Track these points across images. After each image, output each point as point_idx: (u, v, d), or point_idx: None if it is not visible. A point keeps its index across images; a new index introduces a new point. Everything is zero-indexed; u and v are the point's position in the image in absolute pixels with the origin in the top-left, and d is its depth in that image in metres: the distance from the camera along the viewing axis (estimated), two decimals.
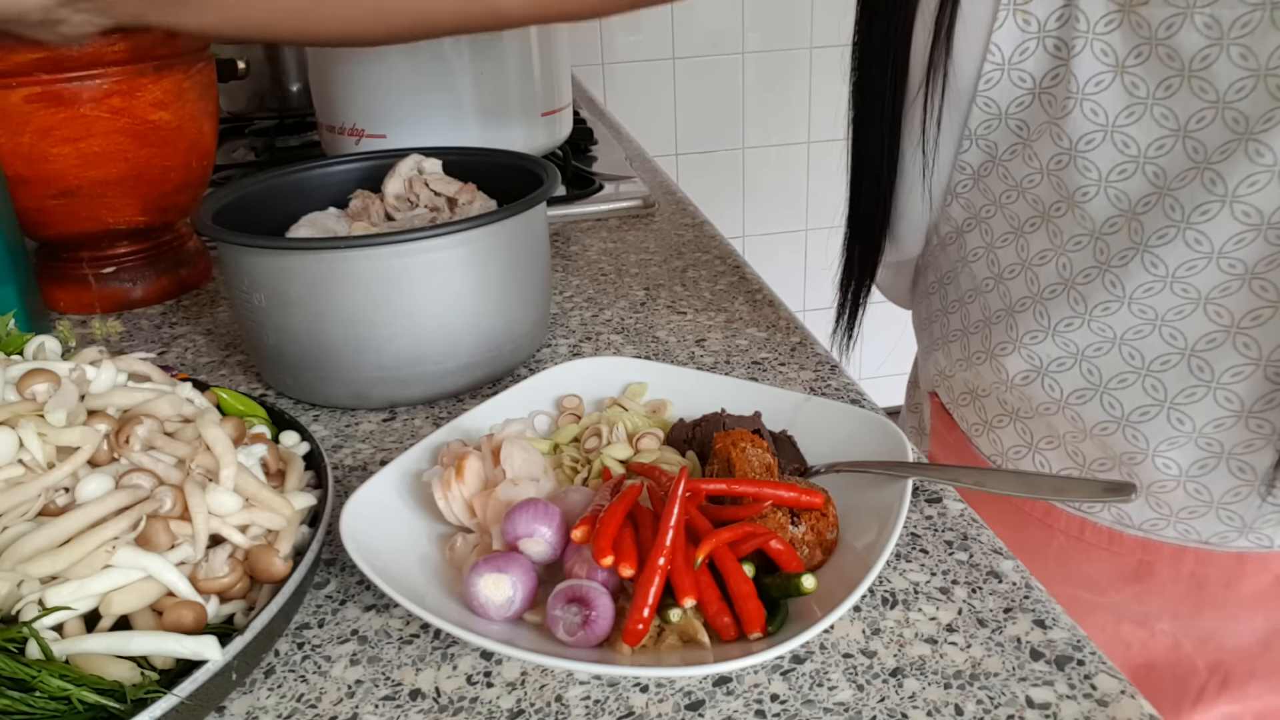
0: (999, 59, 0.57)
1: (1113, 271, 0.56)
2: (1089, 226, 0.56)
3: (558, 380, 0.60)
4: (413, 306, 0.61)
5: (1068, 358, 0.60)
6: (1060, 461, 0.65)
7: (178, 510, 0.42)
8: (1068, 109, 0.55)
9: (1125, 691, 0.39)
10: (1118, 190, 0.55)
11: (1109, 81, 0.53)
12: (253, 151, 1.28)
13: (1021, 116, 0.58)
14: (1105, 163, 0.55)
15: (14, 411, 0.43)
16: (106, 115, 0.75)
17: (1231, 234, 0.51)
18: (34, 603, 0.38)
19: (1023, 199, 0.60)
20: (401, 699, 0.41)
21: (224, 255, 0.64)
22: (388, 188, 0.74)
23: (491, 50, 0.95)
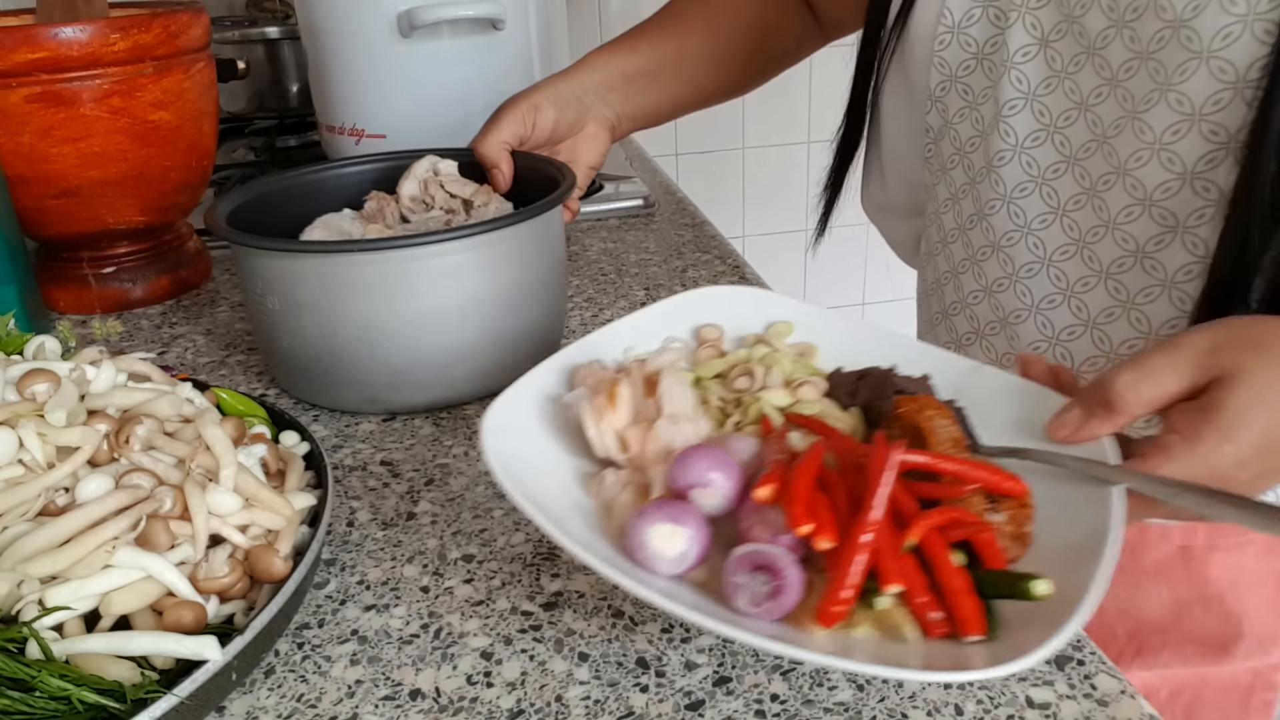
0: (950, 22, 0.61)
1: (1035, 234, 0.60)
2: (1002, 191, 0.61)
3: (692, 308, 0.54)
4: (426, 310, 0.60)
5: (997, 322, 0.65)
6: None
7: (178, 510, 0.42)
8: (999, 75, 0.59)
9: (1125, 691, 0.39)
10: (1030, 156, 0.59)
11: (1034, 53, 0.58)
12: (253, 151, 1.28)
13: (967, 81, 0.62)
14: (1023, 129, 0.59)
15: (14, 411, 0.43)
16: (106, 115, 0.74)
17: (1122, 205, 0.55)
18: (34, 603, 0.38)
19: (962, 164, 0.64)
20: (401, 699, 0.41)
21: (238, 257, 0.63)
22: (403, 189, 0.73)
23: (491, 51, 0.95)
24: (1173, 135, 0.52)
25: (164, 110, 0.77)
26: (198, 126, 0.82)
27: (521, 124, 0.74)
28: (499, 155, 0.72)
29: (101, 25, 0.72)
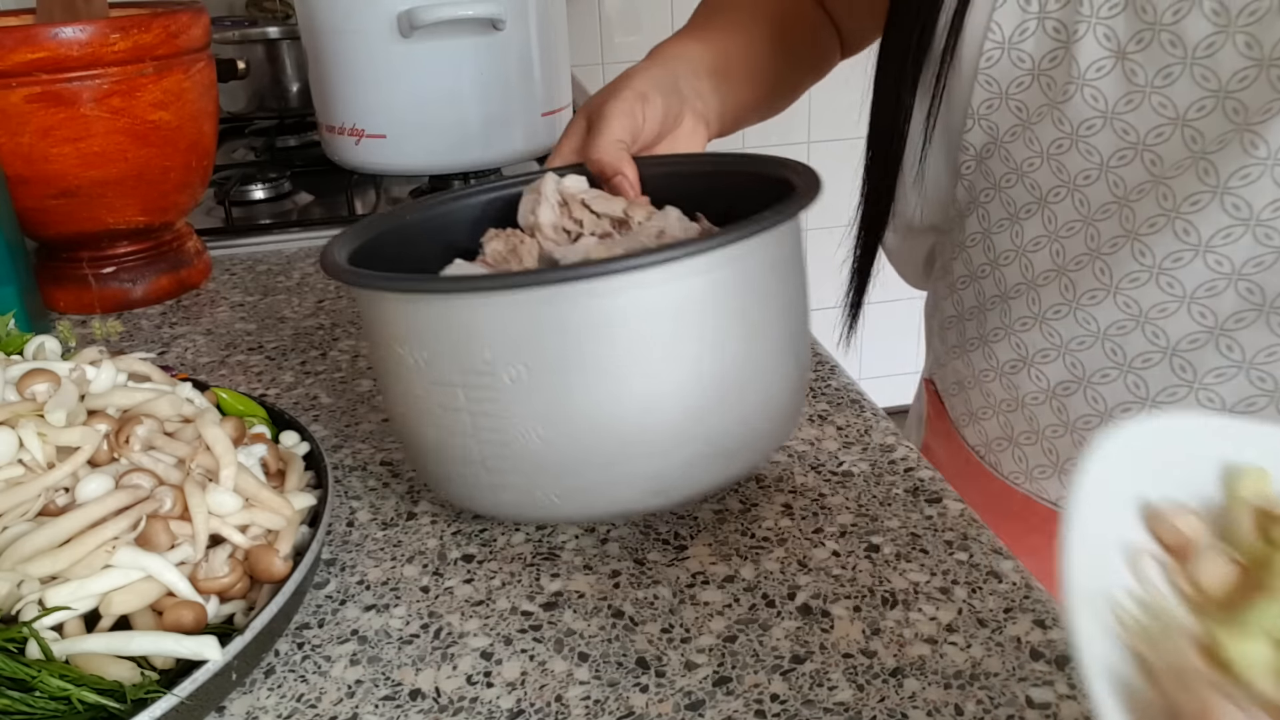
0: (999, 38, 0.56)
1: (1102, 259, 0.55)
2: (1084, 212, 0.56)
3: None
4: (623, 363, 0.42)
5: (1052, 349, 0.60)
6: (1036, 458, 0.65)
7: (178, 510, 0.42)
8: (1068, 94, 0.54)
9: None
10: (1116, 176, 0.54)
11: (1109, 67, 0.52)
12: (253, 151, 1.28)
13: (1021, 98, 0.57)
14: (1106, 148, 0.54)
15: (14, 411, 0.43)
16: (106, 115, 0.74)
17: (1219, 227, 0.50)
18: (34, 603, 0.38)
19: (1021, 183, 0.59)
20: (401, 699, 0.41)
21: (393, 316, 0.43)
22: (540, 217, 0.54)
23: (491, 50, 0.96)
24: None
25: (164, 110, 0.77)
26: (198, 126, 0.82)
27: (633, 118, 0.59)
28: (620, 158, 0.57)
29: (101, 25, 0.72)
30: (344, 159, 1.02)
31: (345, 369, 0.70)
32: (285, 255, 0.95)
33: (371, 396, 0.66)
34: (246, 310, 0.82)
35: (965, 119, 0.60)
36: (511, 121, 1.00)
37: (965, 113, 0.60)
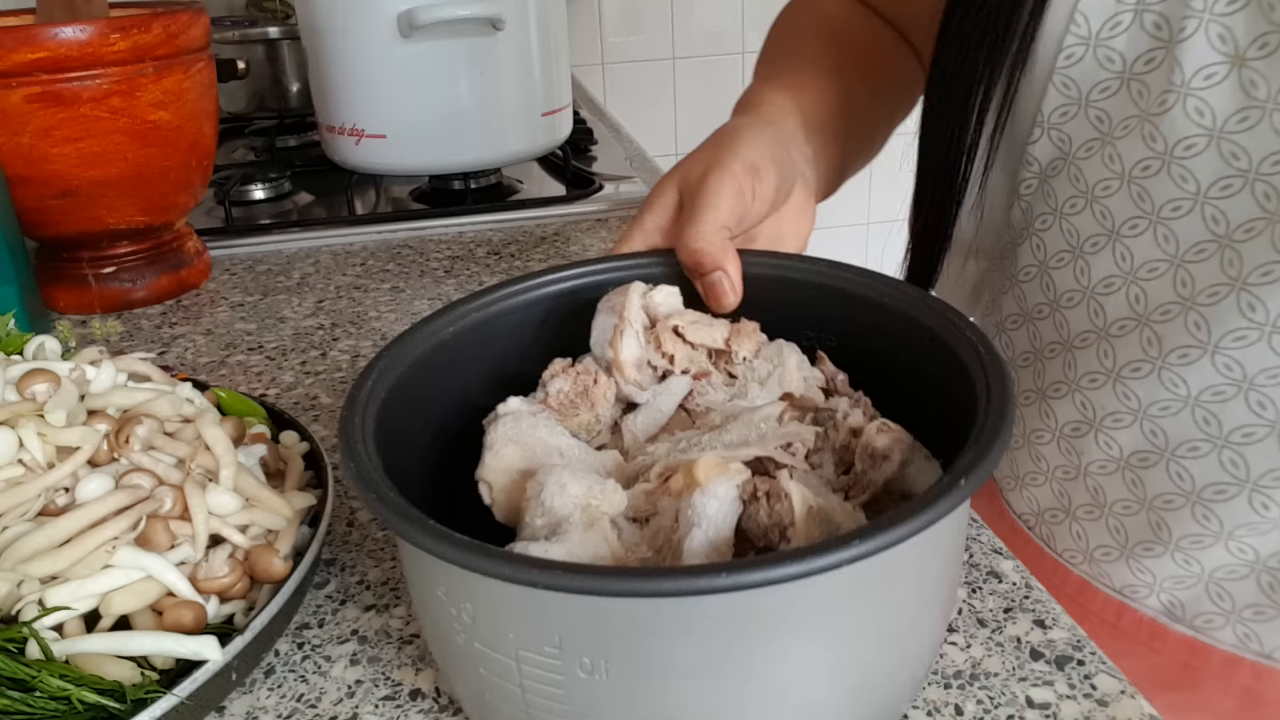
0: (1084, 31, 0.47)
1: (1198, 310, 0.46)
2: (1169, 251, 0.46)
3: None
4: (733, 669, 0.30)
5: (1127, 413, 0.50)
6: (1099, 537, 0.55)
7: (178, 510, 0.42)
8: (1166, 105, 0.45)
9: (1125, 691, 0.39)
10: (1216, 209, 0.44)
11: (1221, 75, 0.43)
12: (253, 151, 1.28)
13: (1104, 106, 0.48)
14: (1206, 174, 0.44)
15: (14, 411, 0.43)
16: (106, 115, 0.74)
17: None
18: (34, 603, 0.38)
19: (1090, 210, 0.50)
20: (401, 699, 0.41)
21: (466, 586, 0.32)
22: (623, 353, 0.42)
23: (491, 51, 0.96)
24: None
25: (164, 110, 0.77)
26: (198, 126, 0.82)
27: (742, 198, 0.46)
28: (723, 252, 0.43)
29: (101, 25, 0.72)
30: (344, 159, 1.02)
31: (345, 369, 0.70)
32: (285, 255, 0.95)
33: None
34: (246, 310, 0.82)
35: (1033, 127, 0.51)
36: (511, 122, 1.00)
37: (1034, 120, 0.51)
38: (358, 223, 1.00)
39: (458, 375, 0.43)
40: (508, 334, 0.44)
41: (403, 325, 0.77)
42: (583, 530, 0.34)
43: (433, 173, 1.06)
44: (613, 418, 0.42)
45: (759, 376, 0.42)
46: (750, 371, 0.42)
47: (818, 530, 0.33)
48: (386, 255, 0.93)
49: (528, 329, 0.45)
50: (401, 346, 0.41)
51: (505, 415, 0.40)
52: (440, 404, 0.42)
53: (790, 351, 0.42)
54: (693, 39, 2.14)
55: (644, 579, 0.28)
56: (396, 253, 0.94)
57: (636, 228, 0.48)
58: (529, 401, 0.41)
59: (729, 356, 0.43)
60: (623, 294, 0.43)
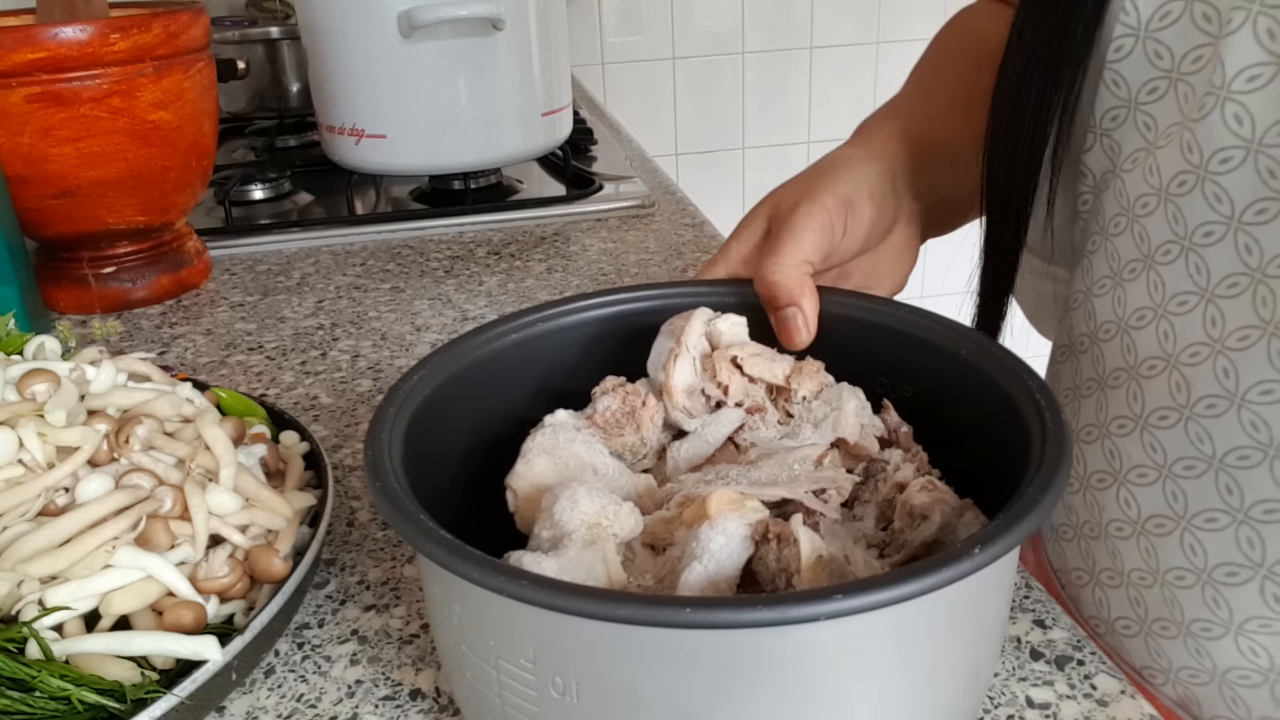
0: (1134, 21, 0.42)
1: (1227, 355, 0.40)
2: (1200, 283, 0.41)
3: None
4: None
5: (1151, 468, 0.45)
6: (1120, 607, 0.50)
7: (178, 510, 0.42)
8: (1205, 109, 0.39)
9: (1125, 691, 0.39)
10: (1250, 237, 0.39)
11: (1267, 79, 0.37)
12: (253, 151, 1.28)
13: (1151, 110, 0.42)
14: (1242, 195, 0.39)
15: (14, 411, 0.43)
16: (106, 115, 0.74)
17: None
18: (34, 603, 0.38)
19: (1130, 231, 0.44)
20: (401, 699, 0.41)
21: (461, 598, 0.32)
22: (675, 379, 0.41)
23: (491, 51, 0.96)
24: None
25: (164, 110, 0.77)
26: (198, 126, 0.82)
27: (830, 233, 0.44)
28: (801, 287, 0.42)
29: (101, 25, 0.72)
30: (344, 159, 1.02)
31: (345, 369, 0.70)
32: (285, 255, 0.95)
33: (372, 396, 0.66)
34: (246, 310, 0.82)
35: (1086, 133, 0.46)
36: (511, 122, 1.00)
37: (1087, 125, 0.46)
38: (358, 223, 1.00)
39: (510, 384, 0.43)
40: (567, 349, 0.44)
41: (403, 325, 0.77)
42: (581, 547, 0.34)
43: (433, 173, 1.06)
44: (660, 442, 0.41)
45: (815, 418, 0.40)
46: (807, 412, 0.40)
47: (825, 581, 0.32)
48: (386, 255, 0.93)
49: (589, 346, 0.44)
50: (461, 347, 0.41)
51: (548, 426, 0.40)
52: (488, 411, 0.41)
53: (850, 396, 0.40)
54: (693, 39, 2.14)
55: (604, 601, 0.26)
56: (396, 253, 0.94)
57: (721, 255, 0.47)
58: (576, 416, 0.41)
59: (788, 395, 0.41)
60: (686, 318, 0.42)
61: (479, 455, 0.41)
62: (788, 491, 0.35)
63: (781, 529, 0.33)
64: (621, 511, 0.35)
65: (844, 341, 0.42)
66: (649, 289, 0.45)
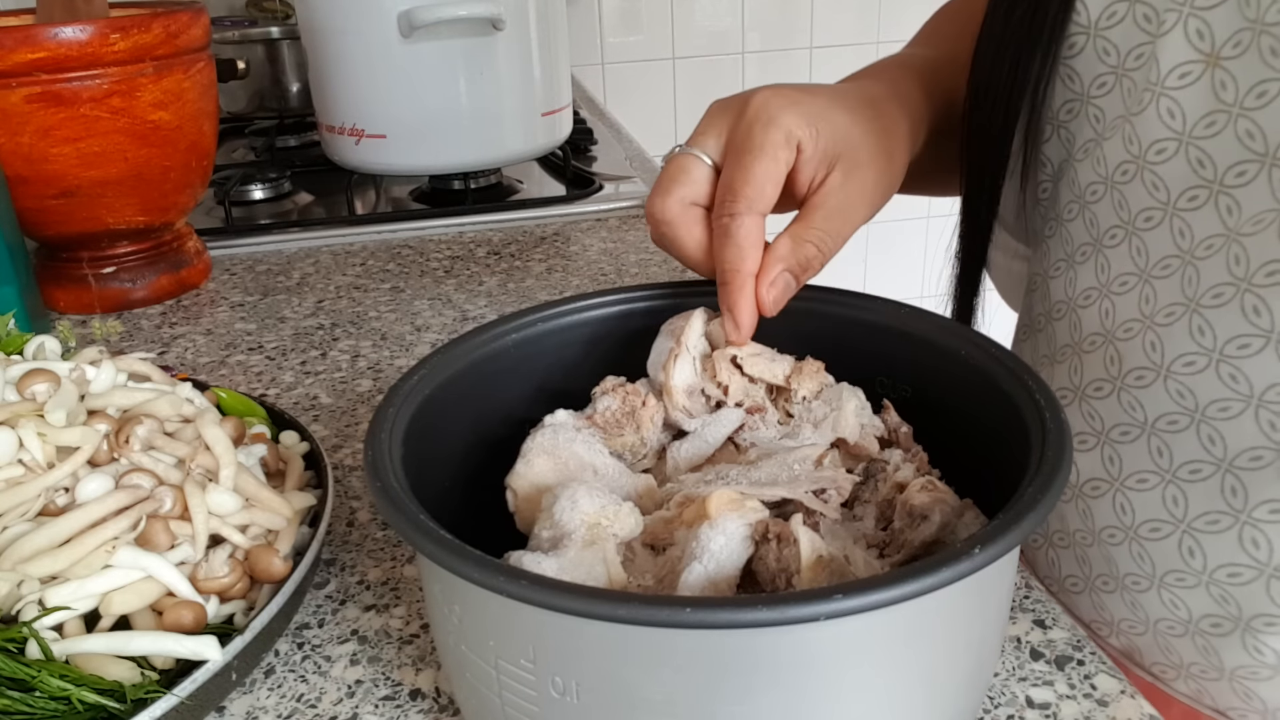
0: (1084, 20, 0.45)
1: (1155, 330, 0.44)
2: (1140, 265, 0.44)
3: None
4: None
5: (1090, 434, 0.48)
6: (1070, 566, 0.53)
7: (178, 510, 0.42)
8: (1143, 104, 0.42)
9: (1125, 691, 0.39)
10: (1183, 222, 0.42)
11: (1196, 75, 0.40)
12: (253, 151, 1.28)
13: (1101, 103, 0.45)
14: (1176, 183, 0.42)
15: (14, 411, 0.43)
16: (106, 115, 0.74)
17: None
18: (34, 603, 0.38)
19: (1082, 217, 0.47)
20: (401, 699, 0.41)
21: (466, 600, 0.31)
22: (674, 379, 0.41)
23: (491, 51, 0.96)
24: None
25: (164, 110, 0.77)
26: (198, 126, 0.82)
27: (777, 168, 0.40)
28: (739, 270, 0.40)
29: (101, 25, 0.72)
30: (344, 159, 1.02)
31: (345, 369, 0.70)
32: (285, 255, 0.95)
33: (372, 396, 0.66)
34: (246, 310, 0.82)
35: (1045, 124, 0.49)
36: (511, 121, 1.00)
37: (1045, 116, 0.49)
38: (358, 223, 1.00)
39: (510, 384, 0.43)
40: (567, 349, 0.44)
41: (403, 325, 0.77)
42: (581, 547, 0.34)
43: (433, 173, 1.06)
44: (660, 442, 0.41)
45: (815, 418, 0.40)
46: (807, 413, 0.40)
47: (824, 581, 0.32)
48: (386, 255, 0.93)
49: (589, 346, 0.44)
50: (460, 347, 0.41)
51: (548, 426, 0.40)
52: (488, 411, 0.41)
53: (850, 396, 0.40)
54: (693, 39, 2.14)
55: (604, 601, 0.26)
56: (396, 253, 0.94)
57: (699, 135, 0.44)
58: (576, 416, 0.41)
59: (789, 395, 0.41)
60: (685, 319, 0.42)
61: (479, 455, 0.41)
62: (788, 491, 0.35)
63: (781, 529, 0.33)
64: (621, 511, 0.35)
65: (845, 341, 0.42)
66: (649, 289, 0.45)
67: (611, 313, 0.44)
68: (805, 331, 0.43)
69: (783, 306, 0.40)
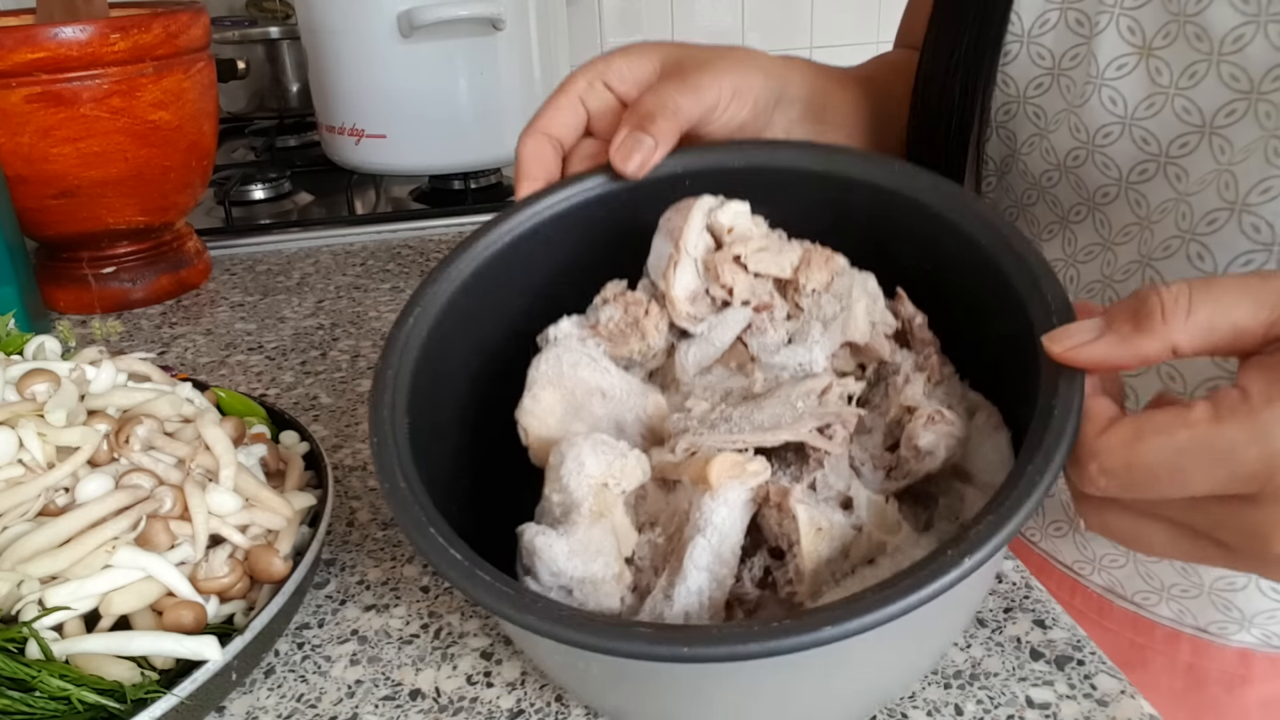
0: (1019, 29, 0.50)
1: (1114, 288, 0.49)
2: (1104, 235, 0.49)
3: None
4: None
5: None
6: (1053, 511, 0.56)
7: (178, 510, 0.42)
8: (1086, 96, 0.48)
9: (1125, 691, 0.39)
10: (1138, 193, 0.47)
11: (1132, 65, 0.46)
12: (253, 151, 1.28)
13: (1039, 102, 0.50)
14: (1125, 160, 0.47)
15: (14, 411, 0.43)
16: (106, 115, 0.74)
17: (1237, 253, 0.43)
18: (34, 603, 0.38)
19: (1043, 200, 0.52)
20: (401, 699, 0.41)
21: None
22: (676, 288, 0.39)
23: (491, 51, 0.96)
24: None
25: (164, 110, 0.77)
26: (198, 126, 0.82)
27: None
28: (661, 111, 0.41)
29: (101, 25, 0.72)
30: (344, 159, 1.02)
31: (345, 369, 0.70)
32: (285, 255, 0.95)
33: None
34: (246, 310, 0.82)
35: (984, 126, 0.54)
36: (511, 122, 1.00)
37: (983, 119, 0.53)
38: (358, 223, 1.00)
39: (503, 301, 0.41)
40: (555, 248, 0.42)
41: None
42: (589, 524, 0.34)
43: (432, 172, 1.06)
44: (668, 341, 0.41)
45: (824, 316, 0.38)
46: (816, 308, 0.39)
47: (825, 548, 0.33)
48: (386, 255, 0.93)
49: (576, 239, 0.42)
50: (440, 281, 0.39)
51: (550, 349, 0.39)
52: (488, 334, 0.41)
53: (861, 294, 0.38)
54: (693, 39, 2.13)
55: (608, 636, 0.28)
56: (396, 253, 0.94)
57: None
58: (580, 324, 0.40)
59: (797, 285, 0.39)
60: (684, 215, 0.39)
61: (487, 380, 0.41)
62: (791, 434, 0.35)
63: (781, 498, 0.33)
64: (628, 465, 0.35)
65: (865, 208, 0.40)
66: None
67: (591, 199, 0.42)
68: (832, 200, 0.41)
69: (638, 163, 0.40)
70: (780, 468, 0.36)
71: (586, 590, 0.34)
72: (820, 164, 0.40)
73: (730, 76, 0.44)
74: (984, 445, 0.36)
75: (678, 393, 0.40)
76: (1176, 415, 0.27)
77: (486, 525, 0.36)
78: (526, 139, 0.43)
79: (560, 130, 0.43)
